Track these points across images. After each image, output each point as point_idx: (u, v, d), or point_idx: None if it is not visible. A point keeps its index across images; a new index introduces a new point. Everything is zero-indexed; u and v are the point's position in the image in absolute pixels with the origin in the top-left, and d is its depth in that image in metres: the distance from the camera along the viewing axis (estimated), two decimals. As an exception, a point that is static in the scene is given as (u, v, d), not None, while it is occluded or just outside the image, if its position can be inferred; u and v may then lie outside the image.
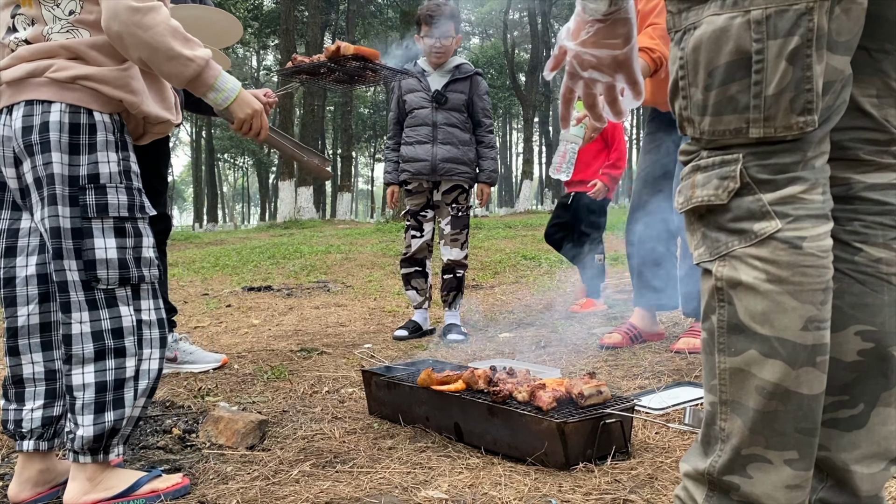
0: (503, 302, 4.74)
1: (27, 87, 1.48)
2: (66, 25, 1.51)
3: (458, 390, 1.91)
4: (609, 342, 2.93)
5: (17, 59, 1.51)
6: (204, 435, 1.98)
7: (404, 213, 3.63)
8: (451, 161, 3.46)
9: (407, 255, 3.59)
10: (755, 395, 0.90)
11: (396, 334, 3.51)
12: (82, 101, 1.48)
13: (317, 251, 8.69)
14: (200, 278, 6.87)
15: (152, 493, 1.54)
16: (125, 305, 1.51)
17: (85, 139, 1.48)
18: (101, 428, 1.48)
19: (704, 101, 0.91)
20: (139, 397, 1.53)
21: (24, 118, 1.47)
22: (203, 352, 2.93)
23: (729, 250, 0.91)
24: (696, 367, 2.50)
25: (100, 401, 1.48)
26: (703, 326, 0.97)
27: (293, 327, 4.05)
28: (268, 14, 26.72)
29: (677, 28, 0.94)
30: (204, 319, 4.44)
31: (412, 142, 3.52)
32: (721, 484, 0.95)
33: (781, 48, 0.85)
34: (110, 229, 1.50)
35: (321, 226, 15.44)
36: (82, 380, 1.48)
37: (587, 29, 1.01)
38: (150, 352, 1.54)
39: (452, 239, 3.52)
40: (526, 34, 38.74)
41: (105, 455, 1.50)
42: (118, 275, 1.50)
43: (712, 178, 0.92)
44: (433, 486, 1.57)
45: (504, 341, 3.36)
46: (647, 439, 1.83)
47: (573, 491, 1.50)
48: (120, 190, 1.51)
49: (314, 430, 2.04)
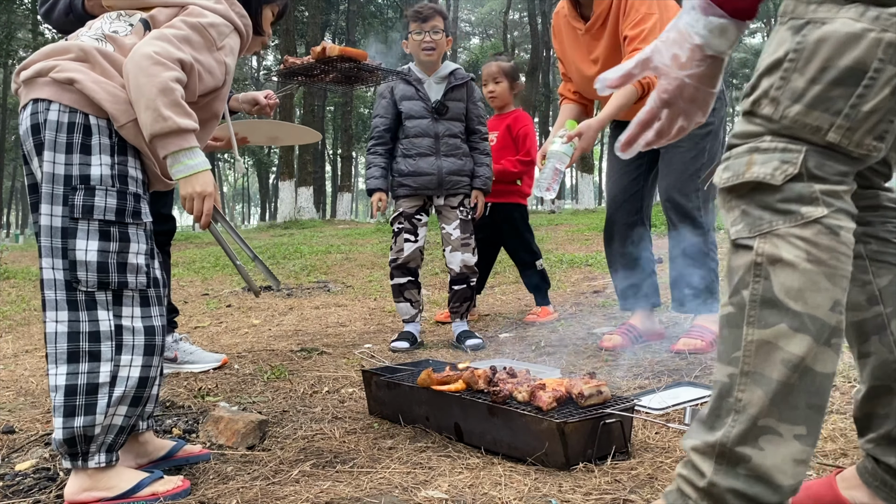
0: (503, 302, 4.74)
1: (34, 87, 1.53)
2: (99, 34, 1.58)
3: (458, 390, 1.91)
4: (609, 345, 2.93)
5: (33, 59, 1.56)
6: (204, 435, 1.98)
7: (396, 216, 3.37)
8: (456, 174, 3.30)
9: (398, 262, 3.31)
10: (780, 366, 0.96)
11: (395, 346, 3.24)
12: (78, 103, 1.50)
13: (317, 251, 8.70)
14: (200, 278, 6.87)
15: (153, 495, 1.53)
16: (104, 310, 1.49)
17: (79, 139, 1.49)
18: (70, 432, 1.46)
19: (804, 91, 0.95)
20: (114, 405, 1.48)
21: (30, 117, 1.51)
22: (203, 352, 2.93)
23: (772, 229, 0.97)
24: (695, 367, 2.50)
25: (69, 404, 1.46)
26: (730, 301, 1.01)
27: (293, 327, 4.05)
28: (268, 14, 26.65)
29: (799, 16, 0.97)
30: (204, 319, 4.44)
31: (413, 154, 3.29)
32: (732, 455, 0.98)
33: (892, 77, 0.92)
34: (95, 231, 1.49)
35: (321, 226, 15.44)
36: (55, 381, 1.47)
37: (698, 63, 1.02)
38: (130, 358, 1.51)
39: (463, 243, 3.30)
40: (526, 34, 38.72)
41: (84, 461, 1.48)
42: (97, 278, 1.49)
43: (773, 159, 0.97)
44: (433, 486, 1.57)
45: (504, 341, 3.36)
46: (647, 439, 1.83)
47: (573, 491, 1.50)
48: (110, 193, 1.50)
49: (314, 430, 2.04)
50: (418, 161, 3.29)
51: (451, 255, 3.32)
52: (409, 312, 3.35)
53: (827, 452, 1.66)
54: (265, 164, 38.89)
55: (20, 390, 2.64)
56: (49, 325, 1.48)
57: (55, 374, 1.47)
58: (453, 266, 3.32)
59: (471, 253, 3.31)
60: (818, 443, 1.72)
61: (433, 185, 3.28)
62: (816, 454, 1.65)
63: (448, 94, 3.33)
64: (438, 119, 3.29)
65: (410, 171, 3.30)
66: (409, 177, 3.30)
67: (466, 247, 3.31)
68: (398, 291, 3.34)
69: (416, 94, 3.32)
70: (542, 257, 4.09)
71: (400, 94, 3.34)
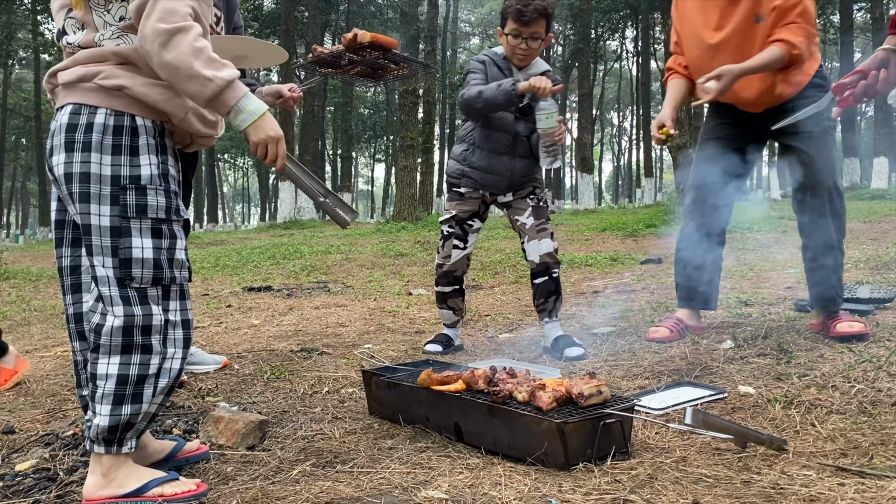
0: (503, 302, 4.74)
1: (77, 91, 1.54)
2: (116, 31, 1.56)
3: (458, 390, 1.91)
4: (656, 336, 2.97)
5: (74, 61, 1.56)
6: (204, 435, 1.99)
7: (447, 219, 3.10)
8: (526, 176, 3.05)
9: (444, 269, 3.09)
10: None
11: (428, 348, 3.08)
12: (127, 107, 1.53)
13: (317, 251, 8.70)
14: (201, 278, 6.88)
15: (160, 497, 1.53)
16: (155, 304, 1.54)
17: (127, 141, 1.52)
18: (116, 419, 1.50)
19: None
20: (157, 394, 1.55)
21: (70, 115, 1.52)
22: (204, 353, 2.93)
23: None
24: (695, 368, 2.50)
25: (119, 393, 1.50)
26: None
27: (293, 327, 4.05)
28: (268, 14, 26.70)
29: None
30: (204, 320, 4.44)
31: (486, 150, 3.00)
32: None
33: None
34: (147, 230, 1.54)
35: (321, 226, 15.44)
36: (106, 370, 1.51)
37: None
38: (174, 351, 1.57)
39: (540, 229, 3.00)
40: (526, 34, 38.61)
41: (119, 447, 1.53)
42: (152, 274, 1.54)
43: None
44: (433, 486, 1.57)
45: (504, 341, 3.36)
46: (647, 439, 1.83)
47: (573, 491, 1.50)
48: (159, 192, 1.55)
49: (314, 431, 2.04)
50: (492, 159, 3.01)
51: (528, 245, 3.03)
52: (451, 319, 3.18)
53: (827, 453, 1.66)
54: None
55: (20, 390, 2.64)
56: (108, 319, 1.51)
57: (107, 364, 1.51)
58: (532, 257, 3.02)
59: (549, 238, 3.01)
60: (818, 443, 1.72)
61: (502, 186, 3.05)
62: (816, 454, 1.65)
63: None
64: (520, 118, 3.00)
65: (481, 167, 3.02)
66: (479, 171, 3.02)
67: (543, 232, 3.01)
68: (442, 299, 3.15)
69: (503, 76, 2.98)
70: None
71: (492, 77, 3.00)
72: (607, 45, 38.65)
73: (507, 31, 2.94)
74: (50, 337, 3.98)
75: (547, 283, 3.01)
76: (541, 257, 2.99)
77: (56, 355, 3.36)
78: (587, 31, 21.61)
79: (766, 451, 1.68)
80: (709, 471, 1.58)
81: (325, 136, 33.18)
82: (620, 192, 49.81)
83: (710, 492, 1.46)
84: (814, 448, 1.69)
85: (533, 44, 2.93)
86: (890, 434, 1.75)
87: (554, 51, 36.80)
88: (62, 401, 2.48)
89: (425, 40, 17.20)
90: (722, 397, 2.14)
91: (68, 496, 1.61)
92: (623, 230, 9.68)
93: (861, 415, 1.91)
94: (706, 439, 1.78)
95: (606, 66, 40.78)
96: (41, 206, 27.22)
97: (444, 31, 33.15)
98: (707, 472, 1.58)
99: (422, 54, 16.21)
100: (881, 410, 1.92)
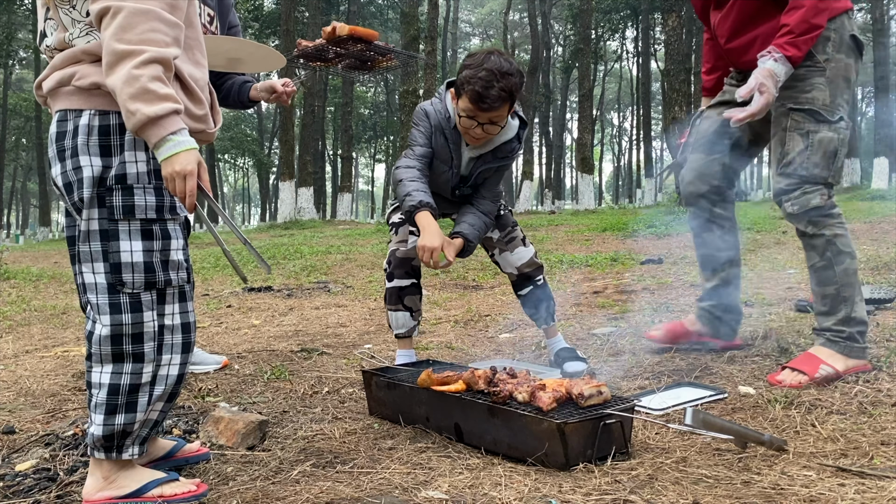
0: (503, 302, 4.74)
1: (60, 97, 1.50)
2: (84, 28, 1.50)
3: (458, 391, 1.91)
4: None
5: (52, 68, 1.52)
6: (204, 435, 1.99)
7: (395, 207, 2.67)
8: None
9: (400, 256, 2.56)
10: None
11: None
12: (109, 104, 1.47)
13: (317, 252, 8.70)
14: (201, 279, 6.87)
15: (159, 497, 1.53)
16: (149, 310, 1.49)
17: (115, 140, 1.46)
18: (110, 429, 1.48)
19: None
20: (154, 402, 1.52)
21: (58, 123, 1.49)
22: (204, 353, 2.94)
23: None
24: (696, 368, 2.50)
25: (111, 402, 1.48)
26: None
27: (293, 328, 4.05)
28: (268, 15, 26.73)
29: None
30: (204, 320, 4.44)
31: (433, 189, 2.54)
32: None
33: None
34: (137, 231, 1.47)
35: (321, 226, 15.45)
36: (99, 378, 1.49)
37: None
38: (170, 357, 1.53)
39: (508, 240, 2.66)
40: (526, 35, 38.70)
41: (118, 453, 1.52)
42: (143, 279, 1.48)
43: None
44: (433, 487, 1.57)
45: (504, 341, 3.36)
46: (647, 439, 1.83)
47: (573, 491, 1.50)
48: (148, 190, 1.48)
49: (314, 431, 2.04)
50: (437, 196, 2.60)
51: (500, 258, 2.71)
52: (406, 325, 2.62)
53: (827, 453, 1.66)
54: (265, 165, 38.90)
55: (20, 390, 2.64)
56: (96, 327, 1.48)
57: (99, 373, 1.49)
58: (508, 270, 2.70)
59: (521, 245, 2.68)
60: (819, 443, 1.72)
61: (452, 210, 2.70)
62: (816, 454, 1.65)
63: (479, 163, 2.55)
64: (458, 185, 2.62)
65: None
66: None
67: (513, 242, 2.67)
68: (397, 297, 2.58)
69: (446, 150, 2.52)
70: None
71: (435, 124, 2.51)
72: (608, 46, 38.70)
73: (462, 110, 2.35)
74: (50, 337, 3.98)
75: (532, 293, 2.70)
76: (518, 269, 2.68)
77: (56, 355, 3.36)
78: (587, 31, 21.65)
79: (767, 452, 1.67)
80: (709, 471, 1.58)
81: (325, 136, 33.18)
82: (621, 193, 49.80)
83: (710, 492, 1.46)
84: (814, 448, 1.69)
85: (491, 129, 2.39)
86: (890, 434, 1.75)
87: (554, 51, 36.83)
88: (62, 401, 2.48)
89: (425, 40, 17.22)
90: (722, 398, 2.14)
91: (68, 496, 1.61)
92: (623, 230, 9.68)
93: (861, 415, 1.91)
94: (706, 440, 1.78)
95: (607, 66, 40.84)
96: (41, 207, 27.24)
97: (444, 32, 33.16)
98: (707, 472, 1.58)
99: (422, 54, 16.22)
100: (881, 411, 1.92)
